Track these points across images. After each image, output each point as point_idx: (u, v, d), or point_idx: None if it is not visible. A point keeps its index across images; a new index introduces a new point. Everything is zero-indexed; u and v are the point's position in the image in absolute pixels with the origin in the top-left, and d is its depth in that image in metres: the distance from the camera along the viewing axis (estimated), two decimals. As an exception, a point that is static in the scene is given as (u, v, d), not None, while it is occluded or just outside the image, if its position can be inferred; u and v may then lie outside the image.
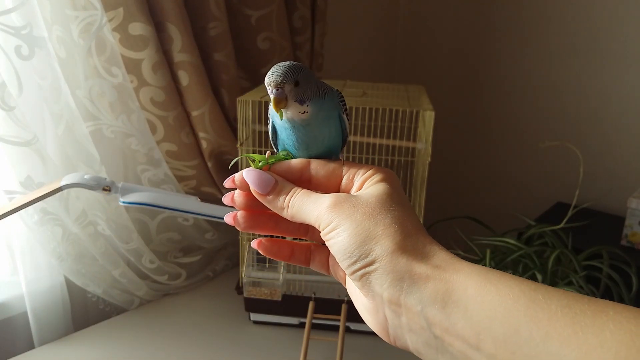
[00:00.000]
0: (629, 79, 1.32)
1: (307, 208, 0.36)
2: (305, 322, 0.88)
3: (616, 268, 0.98)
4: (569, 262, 0.95)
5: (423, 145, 0.91)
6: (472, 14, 1.54)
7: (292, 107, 0.39)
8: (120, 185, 0.71)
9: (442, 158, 1.33)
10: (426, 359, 0.33)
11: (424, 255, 0.33)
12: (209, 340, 0.94)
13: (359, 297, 0.36)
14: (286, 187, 0.38)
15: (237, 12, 1.05)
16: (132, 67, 0.91)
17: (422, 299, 0.31)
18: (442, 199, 1.46)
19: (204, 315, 1.02)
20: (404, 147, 0.95)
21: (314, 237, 0.42)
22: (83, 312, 1.02)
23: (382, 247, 0.33)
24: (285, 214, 0.38)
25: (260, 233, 0.42)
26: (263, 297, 0.95)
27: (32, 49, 0.80)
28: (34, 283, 0.90)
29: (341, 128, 0.42)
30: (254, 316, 0.99)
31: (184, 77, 0.95)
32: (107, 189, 0.70)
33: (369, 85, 1.10)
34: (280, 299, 0.95)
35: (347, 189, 0.38)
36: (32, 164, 0.82)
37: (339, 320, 0.90)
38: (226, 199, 0.40)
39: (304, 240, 0.43)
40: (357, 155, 0.94)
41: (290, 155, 0.41)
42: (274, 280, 0.95)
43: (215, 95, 1.01)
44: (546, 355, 0.27)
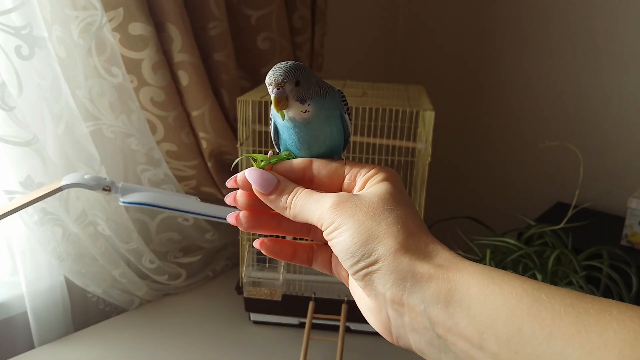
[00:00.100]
0: (629, 79, 1.32)
1: (309, 207, 0.36)
2: (305, 322, 0.88)
3: (616, 268, 0.98)
4: (569, 262, 0.95)
5: (423, 145, 0.91)
6: (473, 14, 1.54)
7: (293, 107, 0.39)
8: (120, 185, 0.71)
9: (442, 158, 1.33)
10: (429, 358, 0.33)
11: (426, 255, 0.33)
12: (209, 340, 0.94)
13: (362, 297, 0.36)
14: (288, 187, 0.38)
15: (237, 12, 1.05)
16: (132, 67, 0.91)
17: (424, 298, 0.31)
18: (442, 199, 1.46)
19: (204, 315, 1.02)
20: (404, 147, 0.95)
21: (317, 236, 0.42)
22: (83, 312, 1.02)
23: (385, 247, 0.33)
24: (288, 214, 0.38)
25: (263, 233, 0.42)
26: (263, 297, 0.95)
27: (32, 49, 0.80)
28: (34, 283, 0.90)
29: (343, 127, 0.42)
30: (254, 316, 0.99)
31: (184, 77, 0.95)
32: (107, 189, 0.70)
33: (369, 85, 1.10)
34: (280, 299, 0.95)
35: (350, 188, 0.38)
36: (32, 164, 0.82)
37: (339, 320, 0.90)
38: (228, 199, 0.40)
39: (306, 240, 0.43)
40: (357, 155, 0.94)
41: (292, 155, 0.41)
42: (274, 280, 0.95)
43: (215, 95, 1.01)
44: (550, 354, 0.27)
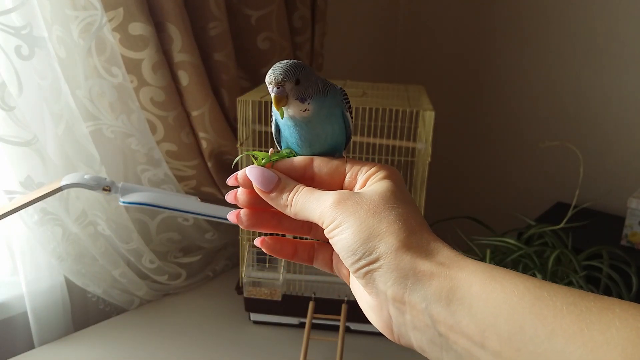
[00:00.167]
0: (629, 79, 1.32)
1: (310, 205, 0.36)
2: (305, 322, 0.88)
3: (616, 268, 0.98)
4: (569, 262, 0.95)
5: (423, 145, 0.91)
6: (473, 14, 1.54)
7: (293, 105, 0.38)
8: (120, 185, 0.71)
9: (442, 158, 1.33)
10: (430, 357, 0.33)
11: (428, 253, 0.33)
12: (209, 340, 0.94)
13: (363, 295, 0.36)
14: (289, 185, 0.38)
15: (237, 12, 1.05)
16: (132, 67, 0.91)
17: (426, 296, 0.31)
18: (442, 199, 1.46)
19: (204, 315, 1.02)
20: (404, 147, 0.95)
21: (317, 235, 0.42)
22: (83, 312, 1.02)
23: (386, 245, 0.33)
24: (289, 212, 0.38)
25: (263, 231, 0.42)
26: (263, 297, 0.95)
27: (32, 49, 0.80)
28: (34, 283, 0.90)
29: (344, 126, 0.42)
30: (254, 316, 0.99)
31: (184, 77, 0.95)
32: (107, 189, 0.70)
33: (369, 85, 1.10)
34: (280, 299, 0.95)
35: (351, 186, 0.38)
36: (32, 164, 0.82)
37: (339, 320, 0.90)
38: (229, 197, 0.40)
39: (307, 239, 0.43)
40: (357, 155, 0.94)
41: (293, 152, 0.41)
42: (274, 280, 0.95)
43: (215, 95, 1.01)
44: (551, 352, 0.27)
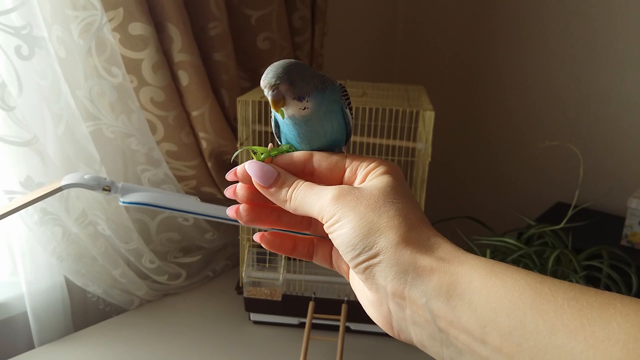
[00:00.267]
0: (629, 79, 1.32)
1: (309, 200, 0.36)
2: (305, 322, 0.88)
3: (616, 268, 0.98)
4: (569, 262, 0.95)
5: (423, 145, 0.91)
6: (472, 14, 1.54)
7: (292, 105, 0.38)
8: (120, 185, 0.71)
9: (442, 158, 1.33)
10: (431, 352, 0.33)
11: (428, 248, 0.33)
12: (209, 340, 0.94)
13: (363, 290, 0.36)
14: (289, 180, 0.38)
15: (237, 12, 1.05)
16: (132, 67, 0.91)
17: (426, 291, 0.31)
18: (442, 199, 1.46)
19: (204, 315, 1.02)
20: (404, 147, 0.95)
21: (317, 230, 0.42)
22: (83, 312, 1.02)
23: (386, 240, 0.33)
24: (288, 207, 0.38)
25: (263, 226, 0.41)
26: (263, 297, 0.95)
27: (32, 49, 0.80)
28: (34, 283, 0.90)
29: (344, 122, 0.41)
30: (254, 316, 0.99)
31: (184, 77, 0.95)
32: (107, 189, 0.70)
33: (369, 85, 1.10)
34: (280, 299, 0.95)
35: (350, 181, 0.38)
36: (32, 164, 0.82)
37: (339, 320, 0.90)
38: (228, 191, 0.40)
39: (306, 234, 0.42)
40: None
41: (293, 148, 0.41)
42: (274, 280, 0.95)
43: (215, 95, 1.01)
44: (552, 347, 0.27)
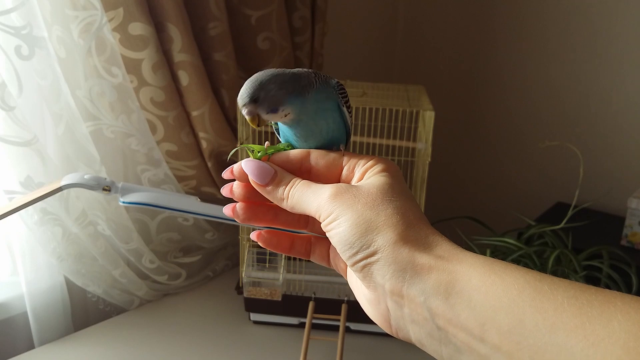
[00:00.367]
0: (629, 79, 1.32)
1: (307, 199, 0.36)
2: (305, 322, 0.88)
3: (616, 268, 0.98)
4: (569, 262, 0.95)
5: (423, 145, 0.91)
6: (472, 14, 1.54)
7: (269, 118, 0.39)
8: (120, 185, 0.71)
9: (442, 158, 1.33)
10: (429, 350, 0.32)
11: (426, 246, 0.32)
12: (209, 340, 0.94)
13: (361, 289, 0.36)
14: (286, 178, 0.38)
15: (237, 12, 1.05)
16: (132, 67, 0.91)
17: (425, 289, 0.31)
18: (442, 199, 1.46)
19: (204, 315, 1.02)
20: (404, 147, 0.95)
21: (314, 228, 0.41)
22: (83, 312, 1.02)
23: (384, 238, 0.33)
24: (285, 205, 0.37)
25: (260, 225, 0.41)
26: (263, 297, 0.95)
27: (32, 49, 0.80)
28: (34, 283, 0.90)
29: (342, 119, 0.41)
30: (254, 316, 0.99)
31: (184, 77, 0.95)
32: (107, 189, 0.70)
33: (369, 85, 1.10)
34: (280, 299, 0.95)
35: (348, 179, 0.38)
36: (32, 164, 0.82)
37: (339, 320, 0.90)
38: (225, 190, 0.40)
39: (304, 232, 0.42)
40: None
41: (290, 146, 0.41)
42: (274, 280, 0.95)
43: (215, 95, 1.01)
44: (552, 346, 0.27)
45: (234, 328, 0.98)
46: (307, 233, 0.42)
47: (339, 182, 0.38)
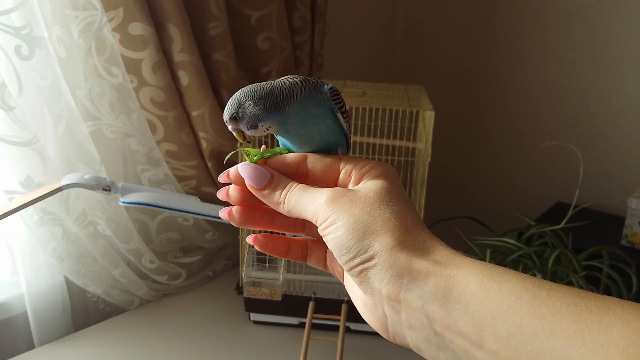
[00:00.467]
0: (629, 79, 1.32)
1: (303, 203, 0.36)
2: (305, 322, 0.88)
3: (616, 268, 0.98)
4: (569, 262, 0.95)
5: (423, 145, 0.91)
6: (472, 14, 1.54)
7: (253, 133, 0.39)
8: (120, 185, 0.71)
9: (442, 158, 1.33)
10: (427, 356, 0.32)
11: (424, 251, 0.32)
12: (209, 340, 0.94)
13: (357, 293, 0.36)
14: (282, 182, 0.37)
15: (237, 12, 1.05)
16: (132, 67, 0.91)
17: (422, 295, 0.31)
18: (442, 199, 1.46)
19: (204, 315, 1.02)
20: (404, 147, 0.95)
21: (311, 232, 0.41)
22: (83, 312, 1.02)
23: (381, 243, 0.32)
24: (282, 209, 0.37)
25: (256, 228, 0.41)
26: (263, 297, 0.95)
27: (32, 49, 0.80)
28: (34, 283, 0.90)
29: (337, 124, 0.40)
30: (254, 316, 0.99)
31: (184, 77, 0.95)
32: (107, 189, 0.70)
33: (369, 85, 1.10)
34: (280, 299, 0.95)
35: (345, 183, 0.38)
36: (32, 164, 0.82)
37: (339, 320, 0.90)
38: (221, 194, 0.40)
39: (300, 236, 0.42)
40: (357, 155, 0.94)
41: (287, 150, 0.41)
42: (274, 280, 0.95)
43: (215, 95, 1.01)
44: (550, 352, 0.26)
45: (234, 328, 0.98)
46: (303, 236, 0.42)
47: (336, 186, 0.38)
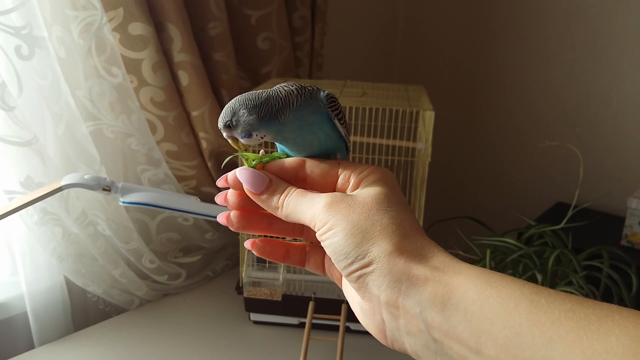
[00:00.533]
0: (629, 79, 1.32)
1: (302, 208, 0.36)
2: (305, 322, 0.88)
3: (616, 268, 0.98)
4: (569, 262, 0.95)
5: (423, 145, 0.91)
6: (472, 14, 1.54)
7: (246, 142, 0.39)
8: (120, 185, 0.71)
9: (442, 158, 1.33)
10: None
11: (422, 257, 0.32)
12: (209, 340, 0.94)
13: (355, 299, 0.36)
14: (280, 186, 0.37)
15: (237, 12, 1.05)
16: (132, 67, 0.91)
17: (420, 301, 0.31)
18: (442, 199, 1.46)
19: (204, 315, 1.02)
20: (404, 147, 0.94)
21: (309, 237, 0.41)
22: (83, 312, 1.02)
23: (380, 248, 0.32)
24: (280, 214, 0.37)
25: (254, 233, 0.41)
26: (263, 297, 0.95)
27: (32, 49, 0.80)
28: (34, 283, 0.90)
29: (335, 131, 0.40)
30: (254, 316, 0.99)
31: (184, 77, 0.95)
32: (107, 189, 0.70)
33: (369, 85, 1.10)
34: (280, 299, 0.95)
35: (343, 188, 0.37)
36: (32, 164, 0.82)
37: (339, 320, 0.90)
38: (219, 198, 0.40)
39: (298, 241, 0.42)
40: (357, 155, 0.94)
41: (285, 155, 0.41)
42: (274, 280, 0.95)
43: (215, 95, 1.01)
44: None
45: (234, 328, 0.98)
46: (301, 241, 0.42)
47: (335, 191, 0.38)
